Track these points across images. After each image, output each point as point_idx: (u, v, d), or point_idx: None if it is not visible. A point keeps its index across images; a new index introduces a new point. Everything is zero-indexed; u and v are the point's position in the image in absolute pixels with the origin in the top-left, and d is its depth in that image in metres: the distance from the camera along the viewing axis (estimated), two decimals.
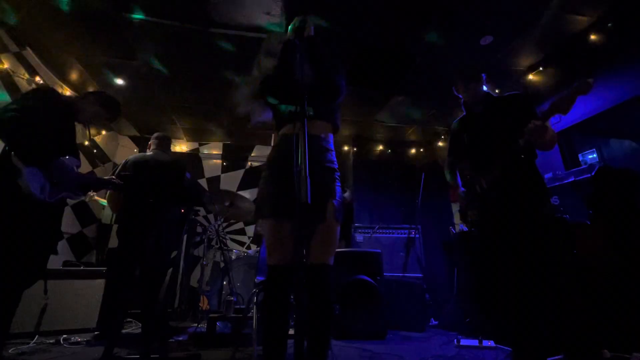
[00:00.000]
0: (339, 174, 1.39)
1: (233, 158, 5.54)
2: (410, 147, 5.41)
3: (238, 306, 2.80)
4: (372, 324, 2.83)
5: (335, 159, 1.40)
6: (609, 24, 2.77)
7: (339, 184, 1.36)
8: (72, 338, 2.54)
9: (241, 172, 5.49)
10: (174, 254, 2.42)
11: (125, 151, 5.12)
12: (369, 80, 3.72)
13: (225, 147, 5.58)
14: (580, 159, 3.70)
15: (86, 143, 4.36)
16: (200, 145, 5.54)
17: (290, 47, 1.37)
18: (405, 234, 4.22)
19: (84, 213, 4.45)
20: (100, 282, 3.02)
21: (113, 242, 4.38)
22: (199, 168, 5.38)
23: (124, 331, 2.80)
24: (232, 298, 2.78)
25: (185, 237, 3.65)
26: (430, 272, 4.17)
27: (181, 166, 2.66)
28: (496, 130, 1.71)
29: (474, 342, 2.57)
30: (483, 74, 1.84)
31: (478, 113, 1.84)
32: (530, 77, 3.52)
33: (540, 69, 3.40)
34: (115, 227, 4.41)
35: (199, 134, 5.29)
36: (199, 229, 3.95)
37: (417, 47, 3.24)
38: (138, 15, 2.84)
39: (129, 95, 4.03)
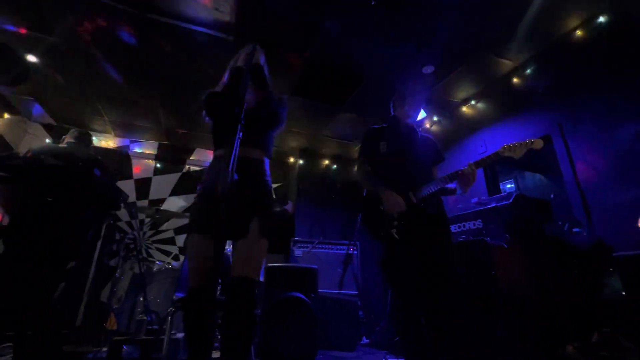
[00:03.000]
0: (271, 189, 1.45)
1: (169, 160, 5.08)
2: (355, 164, 5.52)
3: (152, 327, 2.46)
4: (302, 345, 2.68)
5: (269, 179, 1.45)
6: (528, 70, 3.16)
7: (272, 201, 1.42)
8: None
9: (177, 175, 5.05)
10: (71, 264, 2.04)
11: (35, 141, 4.38)
12: (317, 93, 3.73)
13: (161, 147, 5.09)
14: (501, 187, 4.11)
15: None
16: (132, 142, 4.99)
17: (236, 73, 1.41)
18: (344, 250, 4.21)
19: None
20: None
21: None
22: (128, 167, 4.82)
23: None
24: (146, 317, 2.44)
25: (99, 244, 3.16)
26: (366, 289, 4.19)
27: (92, 162, 2.29)
28: (422, 157, 1.88)
29: None
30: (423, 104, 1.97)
31: (403, 133, 1.93)
32: (464, 109, 3.84)
33: (473, 102, 3.74)
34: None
35: (130, 130, 4.75)
36: (118, 236, 3.47)
37: (362, 69, 3.34)
38: None
39: (43, 76, 3.47)
